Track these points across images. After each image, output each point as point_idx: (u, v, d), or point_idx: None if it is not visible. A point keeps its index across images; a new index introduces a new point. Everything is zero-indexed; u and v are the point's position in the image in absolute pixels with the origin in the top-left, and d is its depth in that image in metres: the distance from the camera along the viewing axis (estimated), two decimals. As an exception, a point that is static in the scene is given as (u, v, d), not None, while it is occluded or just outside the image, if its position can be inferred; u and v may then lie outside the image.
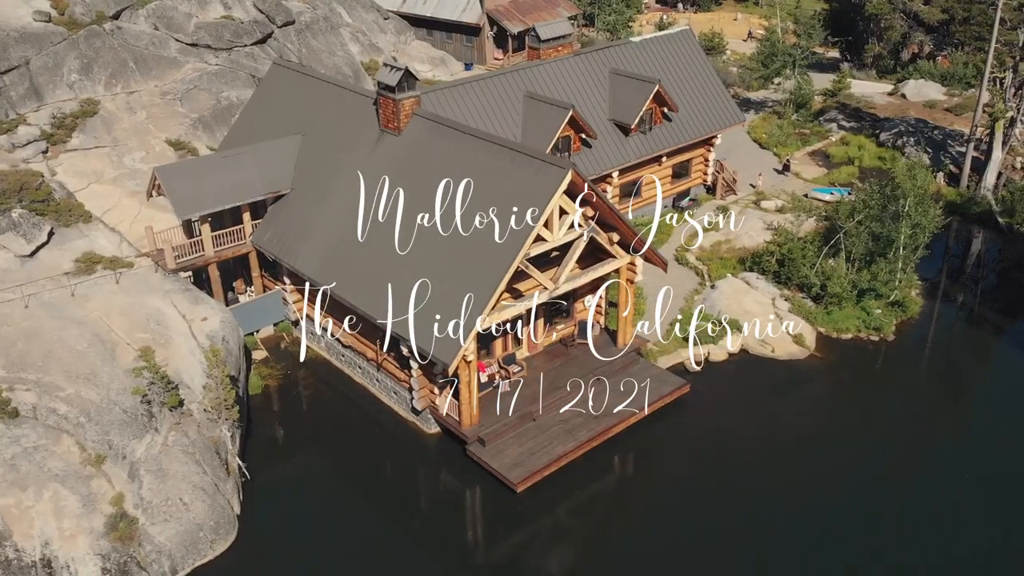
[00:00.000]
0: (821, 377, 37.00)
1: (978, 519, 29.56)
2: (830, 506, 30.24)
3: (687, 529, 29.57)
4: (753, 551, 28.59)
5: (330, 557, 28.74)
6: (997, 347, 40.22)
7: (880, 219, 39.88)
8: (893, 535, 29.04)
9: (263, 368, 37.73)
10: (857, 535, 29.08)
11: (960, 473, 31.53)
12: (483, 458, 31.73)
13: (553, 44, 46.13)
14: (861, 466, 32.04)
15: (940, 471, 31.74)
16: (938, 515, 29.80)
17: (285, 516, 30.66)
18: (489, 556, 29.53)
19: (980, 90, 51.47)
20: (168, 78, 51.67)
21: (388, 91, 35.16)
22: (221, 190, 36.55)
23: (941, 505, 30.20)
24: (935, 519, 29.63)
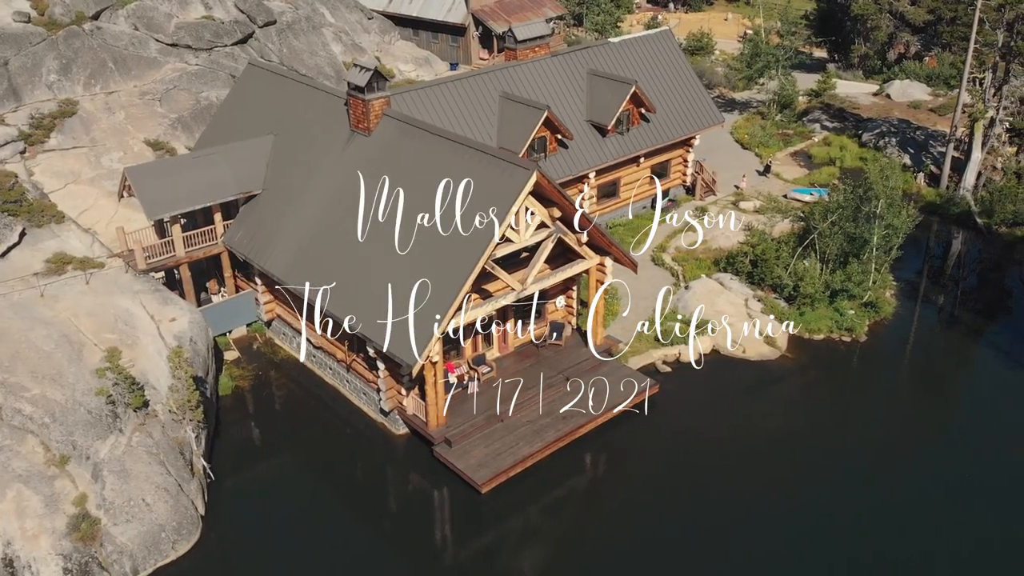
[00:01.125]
0: (791, 378, 37.01)
1: (951, 518, 29.61)
2: (799, 506, 30.24)
3: (654, 530, 29.54)
4: (721, 552, 28.58)
5: (295, 558, 28.72)
6: (970, 348, 40.20)
7: (854, 220, 39.86)
8: (864, 535, 29.02)
9: (235, 369, 37.72)
10: (826, 535, 29.08)
11: (928, 472, 31.56)
12: (449, 459, 31.74)
13: (530, 45, 46.10)
14: (830, 466, 32.04)
15: (910, 471, 31.71)
16: (910, 514, 29.78)
17: (251, 517, 30.67)
18: (453, 557, 29.55)
19: (960, 91, 51.43)
20: (147, 78, 51.67)
21: (358, 91, 35.16)
22: (192, 190, 36.55)
23: (913, 505, 30.18)
24: (907, 519, 29.61)
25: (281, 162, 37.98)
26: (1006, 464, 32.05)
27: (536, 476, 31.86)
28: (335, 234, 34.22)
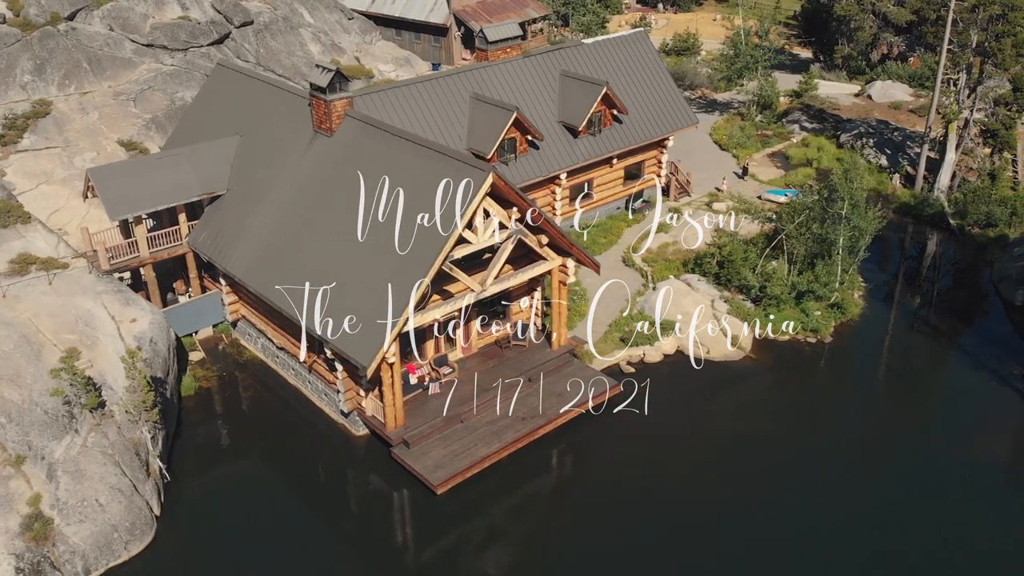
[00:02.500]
0: (754, 378, 37.01)
1: (914, 518, 29.68)
2: (760, 507, 30.26)
3: (611, 533, 29.50)
4: (682, 555, 28.59)
5: (249, 559, 28.78)
6: (937, 349, 40.16)
7: (821, 221, 39.85)
8: (827, 535, 29.08)
9: (199, 369, 37.74)
10: (788, 536, 29.11)
11: (890, 473, 31.56)
12: (406, 460, 31.76)
13: (501, 46, 46.09)
14: (791, 468, 32.08)
15: (873, 472, 31.75)
16: (873, 515, 29.84)
17: (207, 517, 30.70)
18: (407, 559, 29.49)
19: (934, 91, 51.41)
20: (122, 79, 51.73)
21: (319, 92, 35.18)
22: (155, 191, 36.57)
23: (876, 506, 30.23)
24: (870, 519, 29.66)
25: (246, 163, 38.00)
26: (969, 466, 32.06)
27: (494, 477, 31.87)
28: (296, 235, 34.24)
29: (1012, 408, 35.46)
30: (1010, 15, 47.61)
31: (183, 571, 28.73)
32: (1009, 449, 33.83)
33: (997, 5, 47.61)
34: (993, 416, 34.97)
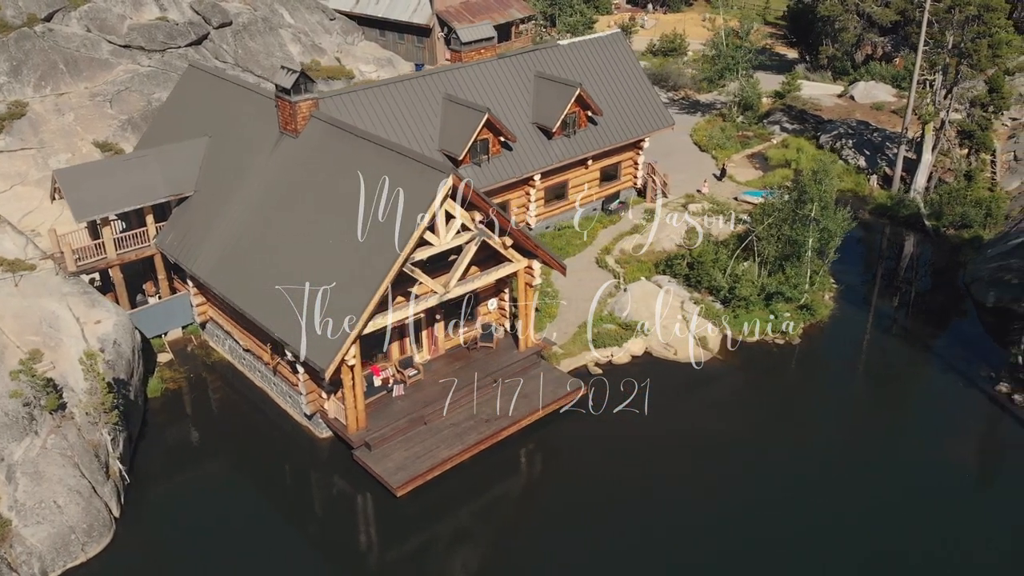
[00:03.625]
0: (720, 380, 36.97)
1: (881, 520, 29.67)
2: (724, 510, 30.27)
3: (574, 536, 29.43)
4: (644, 559, 28.52)
5: (210, 560, 28.73)
6: (906, 351, 39.96)
7: (790, 223, 39.82)
8: (791, 537, 29.07)
9: (167, 371, 37.72)
10: (751, 539, 29.09)
11: (856, 474, 31.52)
12: (367, 463, 31.72)
13: (475, 47, 46.09)
14: (755, 469, 32.04)
15: (838, 472, 31.75)
16: (838, 516, 29.87)
17: (168, 519, 30.65)
18: (364, 561, 29.47)
19: (910, 92, 51.37)
20: (99, 80, 51.72)
21: (284, 93, 35.17)
22: (122, 193, 36.56)
23: (842, 506, 30.25)
24: (835, 521, 29.71)
25: (214, 164, 37.99)
26: (937, 468, 32.04)
27: (457, 479, 31.83)
28: (260, 236, 34.22)
29: (979, 410, 35.44)
30: (985, 16, 47.53)
31: (141, 572, 28.70)
32: (976, 451, 33.78)
33: (973, 6, 47.55)
34: (960, 418, 34.93)
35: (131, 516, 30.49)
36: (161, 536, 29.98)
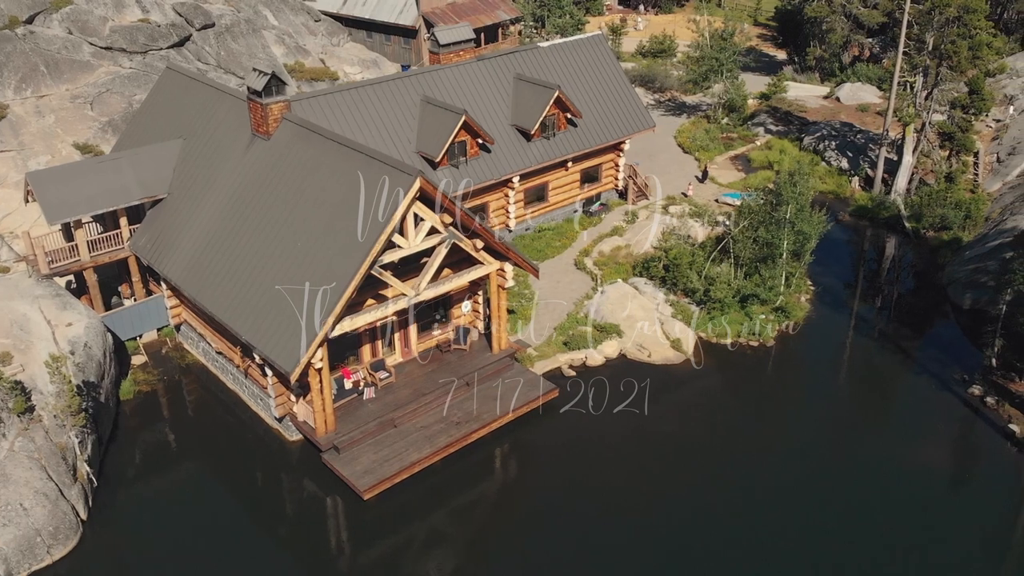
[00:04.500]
0: (692, 382, 36.92)
1: (850, 525, 29.66)
2: (693, 514, 30.27)
3: (541, 540, 29.39)
4: (608, 562, 28.48)
5: (177, 563, 28.69)
6: (880, 354, 39.73)
7: (766, 225, 39.79)
8: (760, 541, 29.05)
9: (140, 373, 37.70)
10: (721, 542, 29.08)
11: (827, 477, 31.51)
12: (335, 466, 31.70)
13: (454, 49, 46.06)
14: (725, 472, 32.03)
15: (809, 475, 31.74)
16: (809, 520, 29.87)
17: (136, 522, 30.62)
18: (329, 565, 29.36)
19: (891, 94, 51.35)
20: (80, 82, 51.67)
21: (256, 96, 35.15)
22: (94, 195, 36.55)
23: (813, 510, 30.28)
24: (807, 524, 29.71)
25: (188, 166, 37.99)
26: (902, 470, 31.98)
27: (425, 483, 31.80)
28: (231, 238, 34.21)
29: (951, 413, 35.37)
30: (965, 17, 47.49)
31: (107, 575, 28.67)
32: (945, 455, 33.71)
33: (952, 8, 47.52)
34: (931, 421, 34.91)
35: (99, 518, 30.46)
36: (128, 538, 29.96)
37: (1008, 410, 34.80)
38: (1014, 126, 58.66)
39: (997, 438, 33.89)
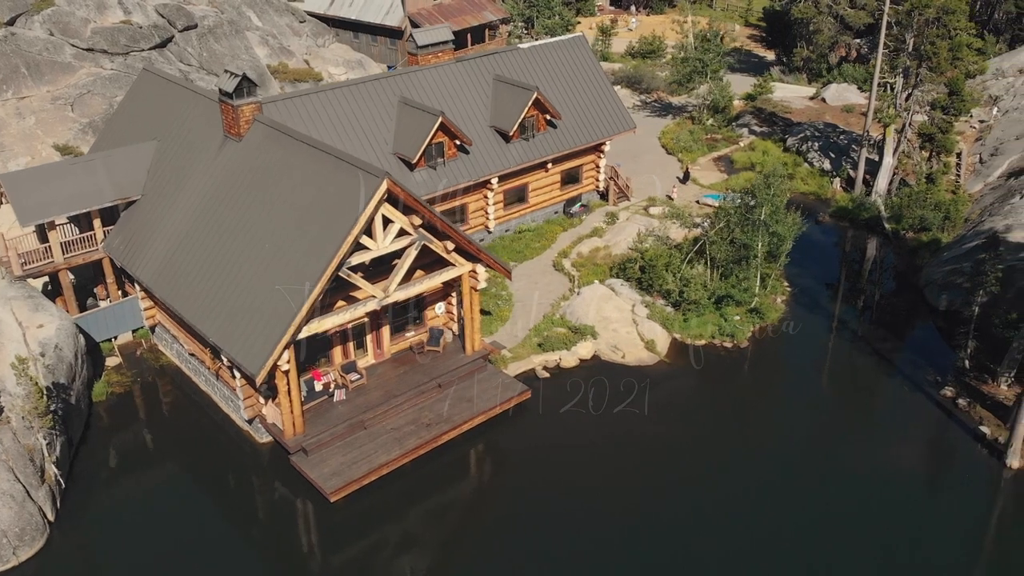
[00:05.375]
0: (665, 383, 36.90)
1: (819, 525, 29.69)
2: (664, 515, 30.27)
3: (509, 544, 29.37)
4: (579, 564, 28.48)
5: (144, 565, 28.70)
6: (853, 354, 39.61)
7: (741, 227, 39.78)
8: (730, 542, 29.05)
9: (114, 375, 37.70)
10: (692, 544, 29.08)
11: (797, 478, 31.49)
12: (303, 468, 31.69)
13: (432, 50, 46.06)
14: (694, 474, 32.07)
15: (778, 479, 31.74)
16: (779, 520, 29.86)
17: (105, 523, 30.62)
18: (292, 567, 29.33)
19: (871, 95, 51.34)
20: (61, 83, 51.75)
21: (227, 97, 35.17)
22: (67, 196, 36.57)
23: (783, 510, 30.25)
24: (776, 524, 29.71)
25: (161, 168, 38.01)
26: (871, 472, 31.97)
27: (394, 485, 31.77)
28: (201, 240, 34.22)
29: (923, 415, 35.32)
30: (945, 18, 47.47)
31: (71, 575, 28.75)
32: (915, 457, 33.54)
33: (932, 9, 47.49)
34: (902, 423, 34.88)
35: (67, 520, 30.46)
36: (96, 539, 29.97)
37: (979, 412, 34.78)
38: (998, 127, 58.64)
39: (968, 440, 33.87)
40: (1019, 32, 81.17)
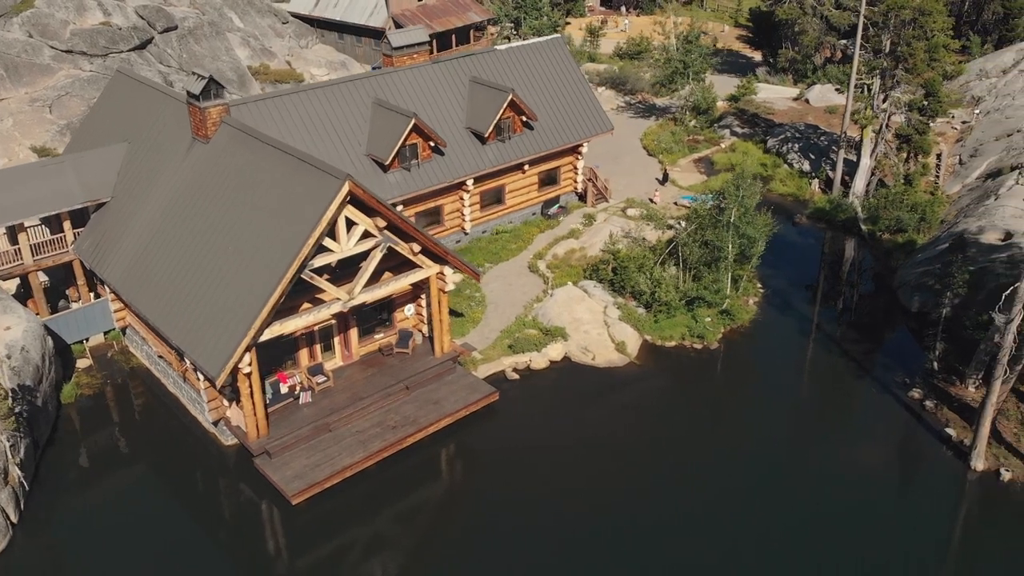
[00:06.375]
0: (633, 384, 36.92)
1: (786, 528, 29.70)
2: (611, 514, 30.26)
3: (469, 545, 29.38)
4: (542, 568, 28.49)
5: (106, 566, 28.73)
6: (824, 355, 39.54)
7: (712, 228, 39.77)
8: (696, 543, 29.05)
9: (84, 376, 37.73)
10: (658, 545, 29.06)
11: (761, 478, 31.48)
12: (266, 471, 31.69)
13: (407, 51, 46.05)
14: (657, 473, 32.06)
15: (745, 482, 31.73)
16: (746, 522, 29.88)
17: (69, 525, 30.63)
18: (250, 569, 29.31)
19: (848, 96, 51.32)
20: (39, 85, 51.78)
21: (194, 99, 35.18)
22: (36, 198, 36.56)
23: (749, 513, 30.27)
24: (743, 526, 29.72)
25: (131, 170, 38.03)
26: (835, 474, 31.97)
27: (359, 487, 31.77)
28: (167, 242, 34.22)
29: (889, 417, 35.26)
30: (921, 19, 47.42)
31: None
32: (884, 459, 33.42)
33: (908, 10, 47.45)
34: (868, 425, 34.87)
35: (30, 521, 30.48)
36: (60, 541, 30.01)
37: (946, 414, 34.76)
38: (978, 128, 58.58)
39: (934, 442, 33.84)
40: (1006, 33, 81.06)
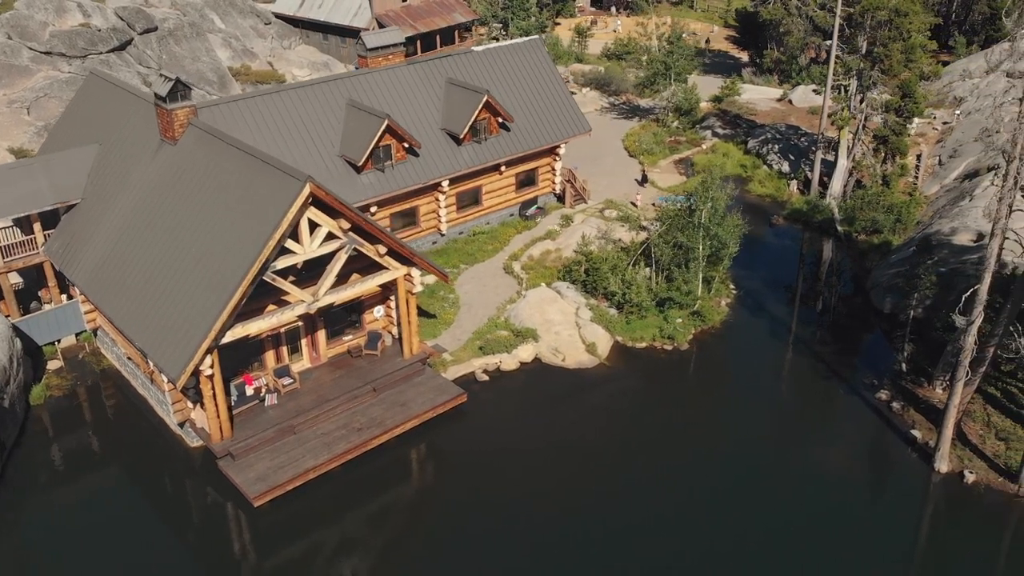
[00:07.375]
0: (602, 386, 36.95)
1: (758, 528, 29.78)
2: (581, 514, 30.35)
3: (436, 548, 29.37)
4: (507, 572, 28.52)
5: (70, 569, 28.76)
6: (793, 356, 39.63)
7: (683, 230, 39.76)
8: (668, 543, 29.11)
9: (54, 378, 37.73)
10: (626, 546, 29.07)
11: (728, 479, 31.48)
12: (229, 473, 31.69)
13: (382, 53, 46.07)
14: (625, 475, 32.08)
15: (713, 484, 31.78)
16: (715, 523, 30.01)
17: (35, 527, 30.65)
18: (215, 571, 29.36)
19: (824, 97, 51.30)
20: (18, 86, 51.82)
21: (161, 101, 35.20)
22: (6, 200, 36.58)
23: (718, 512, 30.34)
24: (713, 527, 29.83)
25: (101, 171, 38.04)
26: (804, 477, 31.98)
27: (322, 489, 31.77)
28: (132, 244, 34.25)
29: (856, 418, 35.25)
30: (896, 20, 47.39)
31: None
32: (849, 460, 33.35)
33: (884, 11, 47.43)
34: (834, 426, 34.92)
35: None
36: (26, 543, 30.01)
37: (913, 415, 34.75)
38: (959, 128, 58.53)
39: (900, 444, 33.84)
40: (993, 33, 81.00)
